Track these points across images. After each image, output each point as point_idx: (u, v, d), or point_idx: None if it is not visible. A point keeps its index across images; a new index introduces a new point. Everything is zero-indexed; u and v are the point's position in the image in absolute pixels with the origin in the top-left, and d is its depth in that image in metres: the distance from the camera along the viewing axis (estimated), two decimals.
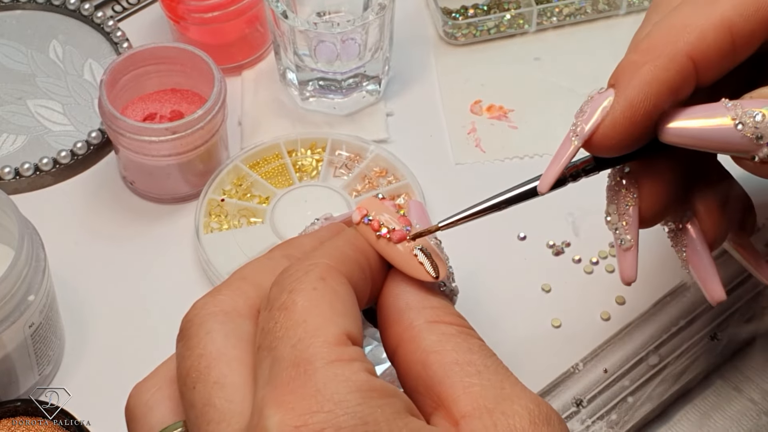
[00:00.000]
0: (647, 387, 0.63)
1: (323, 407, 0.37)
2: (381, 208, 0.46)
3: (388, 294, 0.45)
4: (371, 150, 0.72)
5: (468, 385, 0.41)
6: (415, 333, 0.43)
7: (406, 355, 0.43)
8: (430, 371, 0.42)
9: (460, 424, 0.40)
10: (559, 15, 0.80)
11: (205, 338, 0.41)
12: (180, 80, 0.72)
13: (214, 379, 0.40)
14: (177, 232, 0.70)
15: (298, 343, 0.39)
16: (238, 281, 0.44)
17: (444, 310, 0.44)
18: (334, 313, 0.40)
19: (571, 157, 0.50)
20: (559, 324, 0.65)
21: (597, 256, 0.68)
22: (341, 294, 0.41)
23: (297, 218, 0.69)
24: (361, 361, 0.39)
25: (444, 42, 0.80)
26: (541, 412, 0.41)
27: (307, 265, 0.42)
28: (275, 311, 0.40)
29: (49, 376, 0.63)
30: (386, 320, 0.45)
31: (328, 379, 0.38)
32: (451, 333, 0.43)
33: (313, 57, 0.72)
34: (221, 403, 0.40)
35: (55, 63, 0.78)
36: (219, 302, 0.43)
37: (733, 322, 0.65)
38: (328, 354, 0.38)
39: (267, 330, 0.40)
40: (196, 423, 0.40)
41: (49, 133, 0.74)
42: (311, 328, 0.39)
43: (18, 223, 0.57)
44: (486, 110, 0.76)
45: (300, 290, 0.41)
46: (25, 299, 0.58)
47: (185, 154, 0.68)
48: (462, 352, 0.42)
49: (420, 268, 0.45)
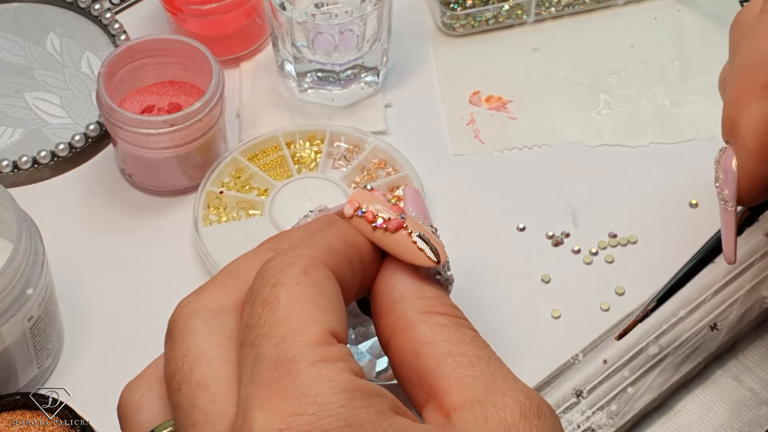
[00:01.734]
0: (647, 377, 0.63)
1: (307, 409, 0.37)
2: (372, 199, 0.46)
3: (381, 284, 0.45)
4: (370, 141, 0.72)
5: (460, 377, 0.41)
6: (408, 323, 0.43)
7: (399, 345, 0.43)
8: (423, 362, 0.42)
9: (451, 416, 0.40)
10: (557, 5, 0.80)
11: (188, 338, 0.41)
12: (178, 72, 0.72)
13: (197, 380, 0.40)
14: (176, 225, 0.70)
15: (281, 341, 0.39)
16: (223, 278, 0.44)
17: (438, 300, 0.44)
18: (318, 310, 0.40)
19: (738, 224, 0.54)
20: (559, 315, 0.65)
21: (596, 246, 0.68)
22: (325, 288, 0.41)
23: (296, 210, 0.68)
24: (344, 360, 0.39)
25: (442, 33, 0.80)
26: (533, 405, 0.40)
27: (291, 256, 0.42)
28: (258, 306, 0.40)
29: (48, 369, 0.63)
30: (380, 310, 0.45)
31: (311, 381, 0.38)
32: (444, 324, 0.43)
33: (311, 48, 0.72)
34: (205, 404, 0.39)
35: (53, 56, 0.78)
36: (202, 299, 0.43)
37: (733, 313, 0.65)
38: (311, 354, 0.38)
39: (250, 326, 0.40)
40: (182, 425, 0.40)
41: (47, 126, 0.74)
42: (294, 327, 0.39)
43: (16, 217, 0.57)
44: (485, 101, 0.76)
45: (283, 284, 0.40)
46: (24, 293, 0.58)
47: (183, 146, 0.68)
48: (454, 343, 0.42)
49: (420, 254, 0.45)
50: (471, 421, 0.40)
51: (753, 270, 0.67)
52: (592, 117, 0.75)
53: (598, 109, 0.75)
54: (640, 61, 0.78)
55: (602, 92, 0.76)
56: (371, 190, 0.47)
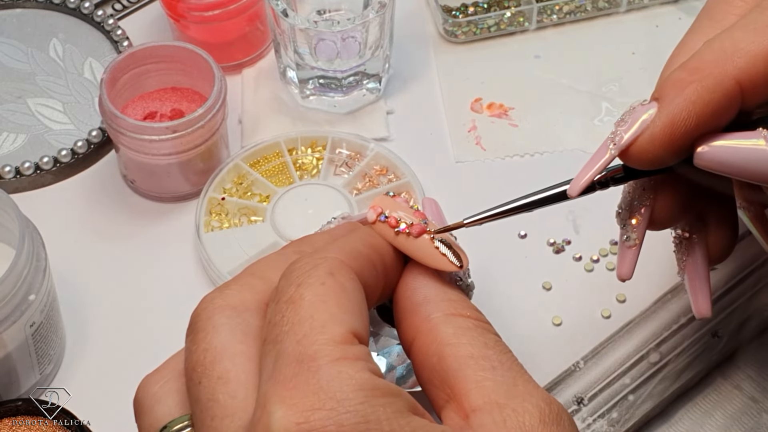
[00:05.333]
0: (648, 385, 0.63)
1: (325, 405, 0.37)
2: (394, 204, 0.47)
3: (405, 288, 0.46)
4: (371, 148, 0.72)
5: (481, 380, 0.41)
6: (432, 325, 0.43)
7: (423, 347, 0.43)
8: (445, 364, 0.42)
9: (470, 418, 0.40)
10: (559, 12, 0.80)
11: (211, 333, 0.42)
12: (180, 79, 0.72)
13: (218, 374, 0.40)
14: (177, 231, 0.70)
15: (303, 338, 0.39)
16: (247, 276, 0.44)
17: (462, 304, 0.45)
18: (341, 310, 0.40)
19: (605, 165, 0.50)
20: (560, 322, 0.65)
21: (597, 254, 0.68)
22: (349, 290, 0.41)
23: (297, 217, 0.69)
24: (364, 360, 0.39)
25: (444, 40, 0.80)
26: (552, 411, 0.41)
27: (317, 258, 0.42)
28: (282, 304, 0.41)
29: (50, 375, 0.63)
30: (403, 313, 0.45)
31: (331, 377, 0.38)
32: (468, 326, 0.43)
33: (313, 55, 0.72)
34: (224, 398, 0.40)
35: (56, 62, 0.78)
36: (226, 296, 0.43)
37: (734, 320, 0.65)
38: (332, 352, 0.39)
39: (274, 323, 0.40)
40: (200, 418, 0.40)
41: (50, 131, 0.74)
42: (317, 325, 0.39)
43: (19, 223, 0.57)
44: (486, 108, 0.76)
45: (308, 284, 0.41)
46: (26, 299, 0.58)
47: (186, 152, 0.68)
48: (478, 346, 0.42)
49: (443, 259, 0.45)
50: (489, 423, 0.40)
51: (754, 277, 0.67)
52: (594, 124, 0.75)
53: (599, 116, 0.76)
54: (641, 68, 0.78)
55: (604, 100, 0.76)
56: (393, 196, 0.48)
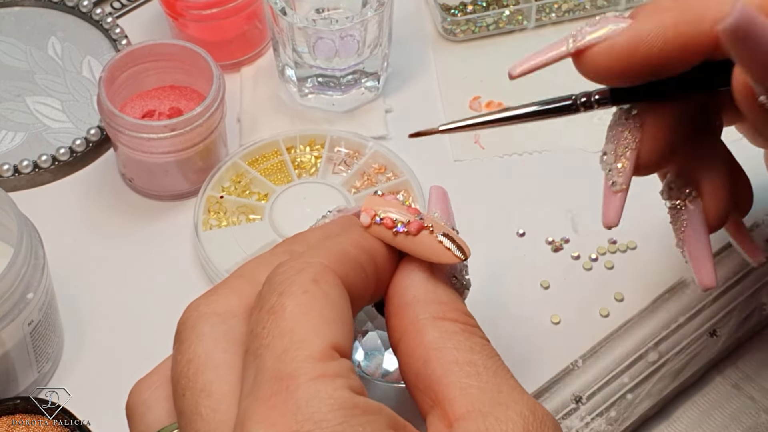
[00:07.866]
0: (646, 384, 0.63)
1: (303, 426, 0.37)
2: (386, 204, 0.46)
3: (396, 286, 0.45)
4: (370, 147, 0.72)
5: (465, 387, 0.41)
6: (418, 327, 0.43)
7: (408, 349, 0.43)
8: (430, 369, 0.42)
9: (454, 426, 0.40)
10: (558, 11, 0.80)
11: (195, 342, 0.41)
12: (179, 77, 0.72)
13: (201, 386, 0.40)
14: (176, 230, 0.70)
15: (282, 354, 0.38)
16: (235, 279, 0.44)
17: (451, 306, 0.44)
18: (323, 321, 0.39)
19: (557, 58, 0.49)
20: (559, 320, 0.65)
21: (596, 252, 0.68)
22: (333, 298, 0.41)
23: (296, 215, 0.69)
24: (344, 377, 0.38)
25: (443, 38, 0.80)
26: (536, 419, 0.40)
27: (301, 263, 0.41)
28: (264, 314, 0.40)
29: (48, 373, 0.63)
30: (392, 312, 0.44)
31: (309, 396, 0.37)
32: (455, 331, 0.43)
33: (311, 54, 0.72)
34: (207, 412, 0.39)
35: (54, 60, 0.78)
36: (212, 303, 0.42)
37: (733, 319, 0.65)
38: (311, 369, 0.38)
39: (255, 333, 0.40)
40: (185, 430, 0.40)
41: (48, 130, 0.74)
42: (297, 340, 0.39)
43: (17, 221, 0.57)
44: (485, 106, 0.76)
45: (290, 293, 0.40)
46: (24, 297, 0.58)
47: (184, 151, 0.68)
48: (463, 351, 0.42)
49: (447, 252, 0.44)
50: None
51: (752, 277, 0.67)
52: (593, 123, 0.75)
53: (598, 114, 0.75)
54: None
55: None
56: (382, 195, 0.47)
